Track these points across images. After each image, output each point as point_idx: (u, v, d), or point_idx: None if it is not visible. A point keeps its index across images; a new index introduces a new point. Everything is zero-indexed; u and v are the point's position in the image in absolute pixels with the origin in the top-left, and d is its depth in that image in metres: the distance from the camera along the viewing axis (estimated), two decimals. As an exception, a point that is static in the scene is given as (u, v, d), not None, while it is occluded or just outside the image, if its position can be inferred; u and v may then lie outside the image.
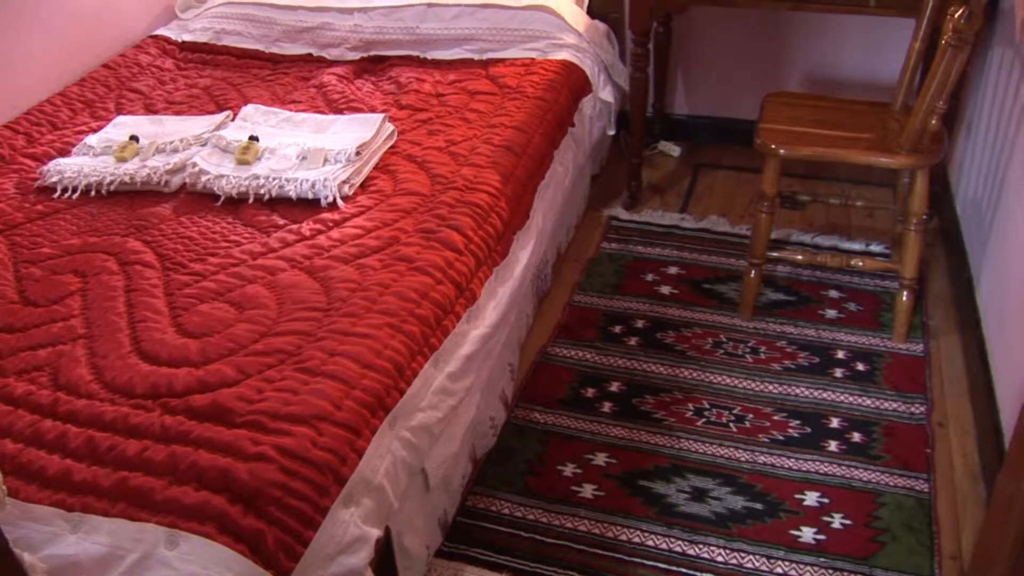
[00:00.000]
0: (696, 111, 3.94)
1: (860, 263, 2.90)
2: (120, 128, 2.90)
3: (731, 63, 3.79)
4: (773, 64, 3.74)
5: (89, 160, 2.72)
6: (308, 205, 2.46)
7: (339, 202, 2.44)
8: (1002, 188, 2.61)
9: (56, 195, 2.63)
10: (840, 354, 2.79)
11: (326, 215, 2.40)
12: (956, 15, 2.28)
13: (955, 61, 2.35)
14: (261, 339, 1.99)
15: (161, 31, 3.71)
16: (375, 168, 2.61)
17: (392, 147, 2.72)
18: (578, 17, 3.42)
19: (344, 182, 2.48)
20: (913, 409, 2.59)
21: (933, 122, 2.51)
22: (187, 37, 3.65)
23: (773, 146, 2.69)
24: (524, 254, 2.59)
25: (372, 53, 3.41)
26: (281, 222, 2.41)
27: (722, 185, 3.68)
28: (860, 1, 2.98)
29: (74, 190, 2.63)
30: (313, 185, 2.46)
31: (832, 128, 2.77)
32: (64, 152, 2.84)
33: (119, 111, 3.12)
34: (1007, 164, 2.58)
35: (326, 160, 2.57)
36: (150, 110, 3.13)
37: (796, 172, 3.59)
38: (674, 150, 3.89)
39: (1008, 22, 2.67)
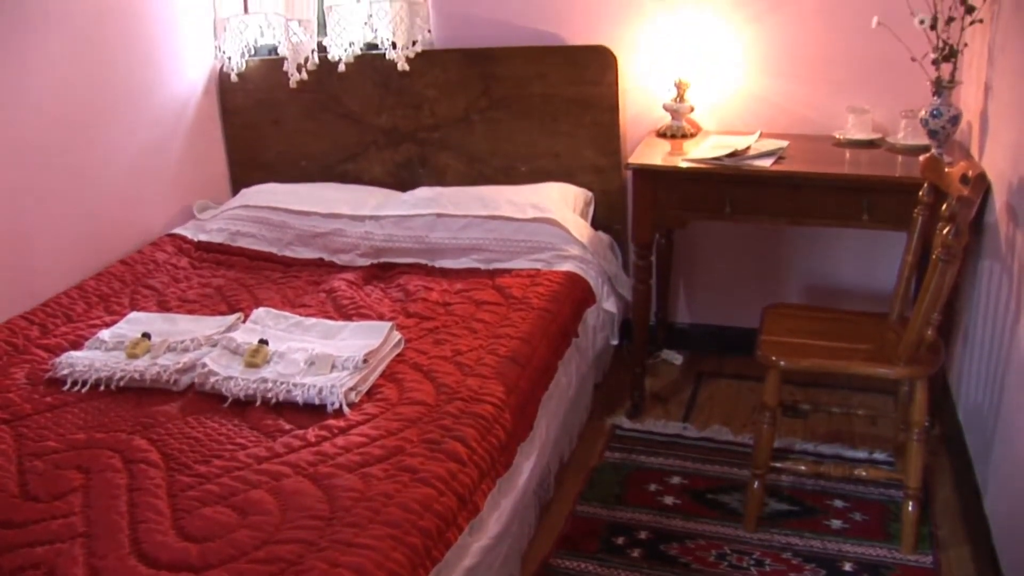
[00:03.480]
0: (698, 320, 4.02)
1: (864, 473, 2.89)
2: (133, 324, 2.96)
3: (732, 274, 3.90)
4: (773, 275, 3.84)
5: (101, 355, 2.76)
6: (314, 411, 2.47)
7: (345, 409, 2.46)
8: (1002, 395, 2.63)
9: (66, 387, 2.65)
10: (848, 566, 2.73)
11: (332, 422, 2.41)
12: (944, 231, 2.37)
13: (946, 275, 2.43)
14: (263, 546, 1.97)
15: (178, 230, 3.85)
16: (381, 376, 2.65)
17: (399, 355, 2.76)
18: (582, 229, 3.53)
19: (351, 389, 2.51)
20: (924, 628, 2.53)
21: (929, 333, 2.57)
22: (203, 237, 3.77)
23: (774, 358, 2.73)
24: (527, 465, 2.59)
25: (382, 260, 3.52)
26: (287, 427, 2.42)
27: (724, 394, 3.71)
28: (853, 216, 3.08)
29: (84, 384, 2.65)
30: (320, 391, 2.49)
31: (831, 339, 2.82)
32: (77, 345, 2.88)
33: (133, 307, 3.19)
34: (1005, 372, 2.61)
35: (334, 367, 2.61)
36: (163, 307, 3.20)
37: (797, 380, 3.63)
38: (676, 359, 3.94)
39: (994, 235, 2.76)
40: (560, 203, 3.60)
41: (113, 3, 3.61)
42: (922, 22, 2.93)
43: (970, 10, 2.89)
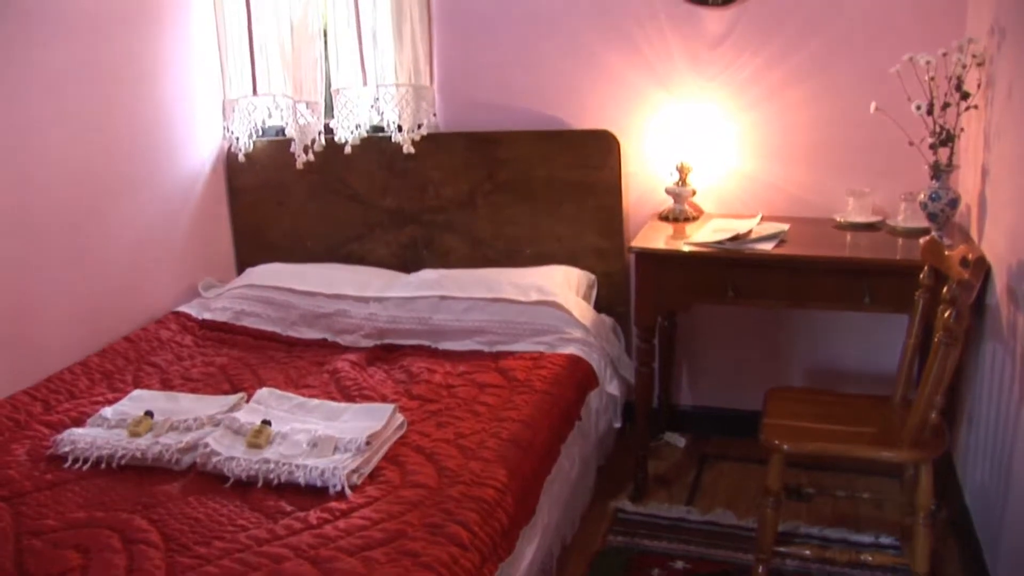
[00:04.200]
0: (701, 402, 4.01)
1: (870, 558, 2.86)
2: (136, 402, 2.95)
3: (735, 356, 3.90)
4: (775, 357, 3.85)
5: (103, 432, 2.76)
6: (316, 492, 2.46)
7: (347, 491, 2.44)
8: (1009, 478, 2.61)
9: (67, 465, 2.64)
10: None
11: (334, 504, 2.40)
12: (945, 315, 2.38)
13: (948, 358, 2.43)
14: (261, 631, 1.95)
15: (183, 308, 3.87)
16: (384, 458, 2.63)
17: (402, 437, 2.76)
18: (585, 312, 3.55)
19: (353, 471, 2.49)
20: None
21: (933, 416, 2.56)
22: (208, 315, 3.79)
23: (777, 442, 2.72)
24: (529, 549, 2.57)
25: (385, 341, 3.53)
26: (288, 508, 2.40)
27: (728, 477, 3.68)
28: (855, 299, 3.10)
29: (85, 461, 2.64)
30: (322, 473, 2.47)
31: (835, 423, 2.81)
32: (79, 422, 2.88)
33: (136, 384, 3.20)
34: (1011, 454, 2.59)
35: (336, 448, 2.60)
36: (167, 385, 3.20)
37: (802, 464, 3.60)
38: (680, 441, 3.92)
39: (996, 318, 2.77)
40: (563, 286, 3.63)
41: (124, 81, 3.68)
42: (918, 108, 2.98)
43: (965, 96, 2.94)
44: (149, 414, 2.83)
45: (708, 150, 3.67)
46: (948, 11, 3.30)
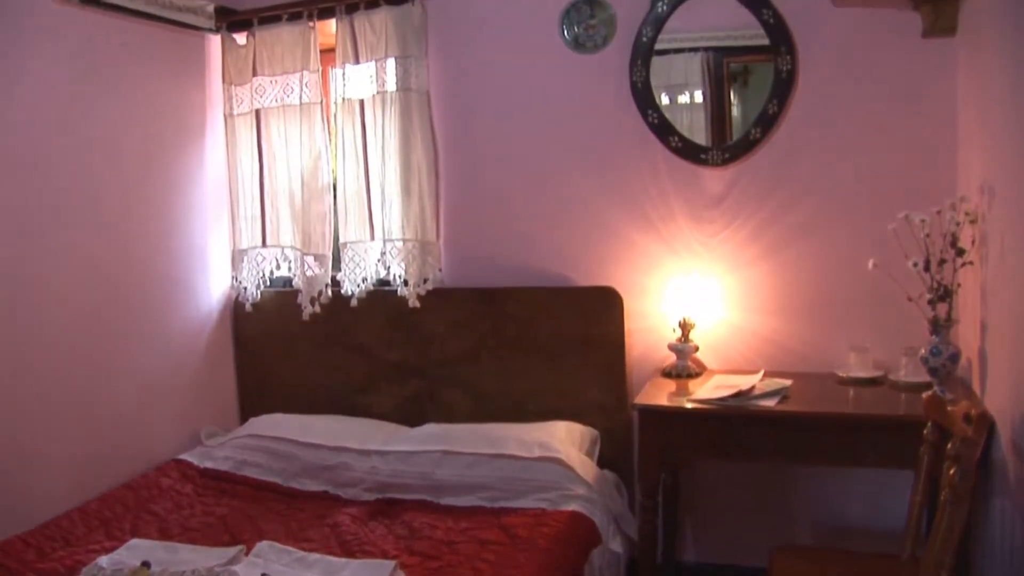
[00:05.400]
0: (706, 559, 3.94)
1: None
2: (133, 551, 2.92)
3: (739, 512, 3.85)
4: (780, 513, 3.80)
5: (98, 583, 2.71)
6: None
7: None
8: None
9: (59, 620, 2.60)
10: None
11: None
12: (950, 472, 2.36)
13: (955, 517, 2.39)
14: None
15: (185, 456, 3.86)
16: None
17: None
18: (588, 468, 3.53)
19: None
20: None
21: None
22: (209, 464, 3.77)
23: (785, 606, 2.66)
24: None
25: (387, 495, 3.49)
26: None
27: (734, 637, 3.59)
28: (859, 455, 3.09)
29: (79, 614, 2.60)
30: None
31: (842, 584, 2.76)
32: (74, 571, 2.83)
33: (134, 533, 3.17)
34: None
35: (334, 599, 2.55)
36: (165, 535, 3.16)
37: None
38: (684, 600, 3.84)
39: (1003, 473, 2.74)
40: (566, 442, 3.62)
41: (135, 228, 3.80)
42: (915, 265, 3.03)
43: (960, 253, 3.00)
44: (146, 564, 2.78)
45: (710, 306, 3.72)
46: (939, 171, 3.40)
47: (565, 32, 3.85)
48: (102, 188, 3.62)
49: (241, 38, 4.24)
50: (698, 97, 3.75)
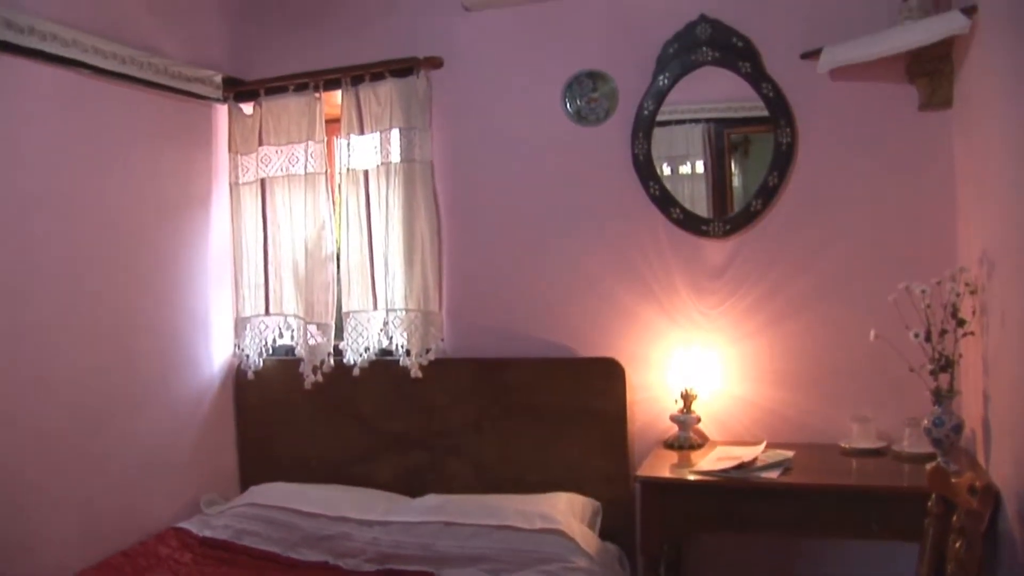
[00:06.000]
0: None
1: None
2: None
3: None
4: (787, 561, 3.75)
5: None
6: None
7: None
8: None
9: None
10: None
11: None
12: (956, 545, 2.33)
13: (965, 591, 2.36)
14: None
15: (184, 524, 3.81)
16: None
17: None
18: (590, 540, 3.49)
19: None
20: None
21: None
22: (208, 532, 3.73)
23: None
24: None
25: (388, 567, 3.44)
26: None
27: None
28: (863, 527, 3.05)
29: None
30: None
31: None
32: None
33: (131, 606, 3.12)
34: None
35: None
36: (161, 606, 3.12)
37: None
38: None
39: (1010, 545, 2.71)
40: (568, 514, 3.58)
41: (140, 293, 3.82)
42: (916, 335, 3.03)
43: (961, 323, 3.00)
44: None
45: (712, 377, 3.72)
46: (939, 241, 3.42)
47: (568, 105, 3.91)
48: (107, 253, 3.65)
49: (248, 108, 4.31)
50: (699, 167, 3.80)
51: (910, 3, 3.23)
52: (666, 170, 3.79)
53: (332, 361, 4.13)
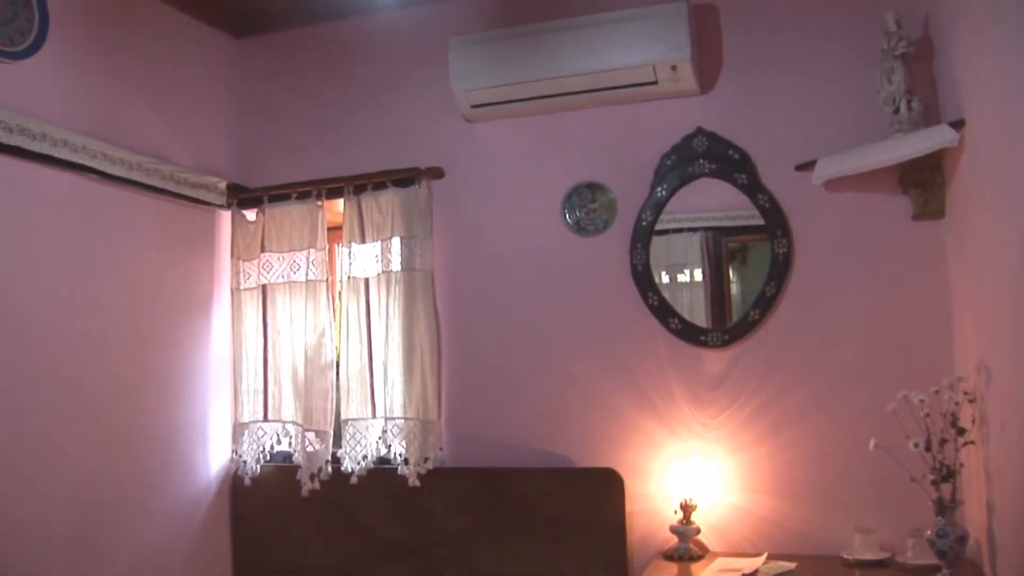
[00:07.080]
0: None
1: None
2: None
3: None
4: None
5: None
6: None
7: None
8: None
9: None
10: None
11: None
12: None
13: None
14: None
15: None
16: None
17: None
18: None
19: None
20: None
21: None
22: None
23: None
24: None
25: None
26: None
27: None
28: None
29: None
30: None
31: None
32: None
33: None
34: None
35: None
36: None
37: None
38: None
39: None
40: (566, 625, 3.52)
41: (139, 397, 3.82)
42: (916, 445, 3.01)
43: (961, 432, 2.98)
44: None
45: (712, 487, 3.68)
46: (936, 349, 3.43)
47: (567, 216, 3.97)
48: (106, 355, 3.66)
49: (251, 214, 4.38)
50: (698, 276, 3.84)
51: (900, 116, 3.32)
52: (664, 278, 3.83)
53: (330, 469, 4.10)
